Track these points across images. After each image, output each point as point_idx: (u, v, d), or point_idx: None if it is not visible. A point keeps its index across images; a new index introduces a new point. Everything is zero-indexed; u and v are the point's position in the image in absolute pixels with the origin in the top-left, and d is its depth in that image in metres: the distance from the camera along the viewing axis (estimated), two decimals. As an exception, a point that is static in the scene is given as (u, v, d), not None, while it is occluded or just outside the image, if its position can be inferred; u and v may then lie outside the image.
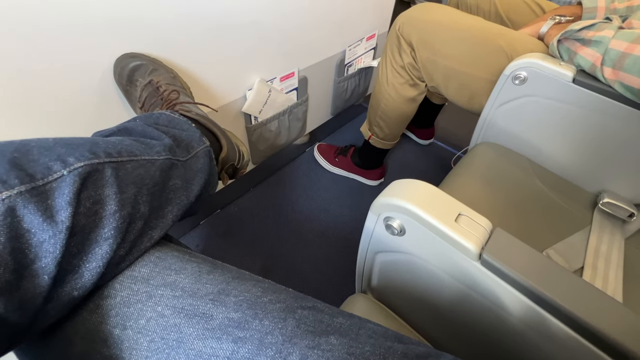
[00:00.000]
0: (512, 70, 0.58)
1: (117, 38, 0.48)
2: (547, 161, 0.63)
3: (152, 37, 0.51)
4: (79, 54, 0.46)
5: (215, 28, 0.59)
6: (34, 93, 0.44)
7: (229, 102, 0.71)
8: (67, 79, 0.46)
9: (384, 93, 0.77)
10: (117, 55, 0.49)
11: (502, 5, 0.81)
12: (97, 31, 0.46)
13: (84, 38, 0.45)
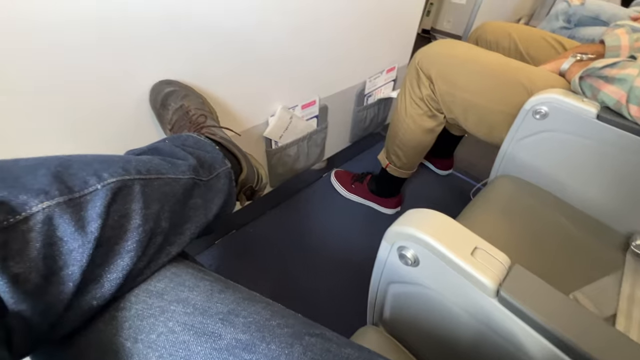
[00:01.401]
0: (532, 105, 0.58)
1: (155, 67, 0.53)
2: (572, 197, 0.60)
3: (186, 66, 0.56)
4: (123, 80, 0.50)
5: (243, 59, 0.63)
6: (81, 113, 0.49)
7: (252, 127, 0.74)
8: (110, 101, 0.51)
9: (402, 123, 0.79)
10: (155, 81, 0.54)
11: (522, 41, 0.82)
12: (140, 61, 0.50)
13: (129, 66, 0.49)
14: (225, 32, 0.57)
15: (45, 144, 0.47)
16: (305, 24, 0.69)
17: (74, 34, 0.42)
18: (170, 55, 0.53)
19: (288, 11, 0.64)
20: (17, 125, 0.44)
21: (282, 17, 0.63)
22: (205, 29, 0.54)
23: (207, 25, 0.54)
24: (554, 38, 0.79)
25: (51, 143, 0.48)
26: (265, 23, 0.62)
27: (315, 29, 0.71)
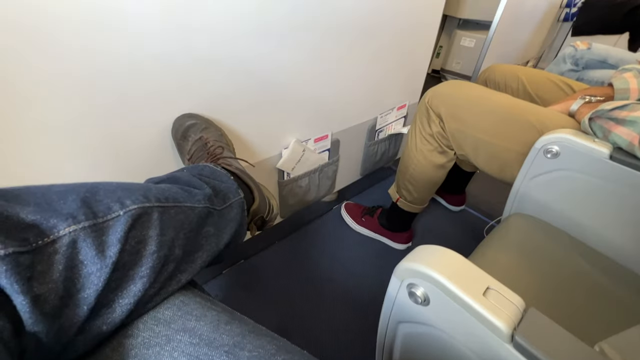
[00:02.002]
0: (543, 144, 0.58)
1: (180, 101, 0.57)
2: (589, 238, 0.58)
3: (207, 101, 0.60)
4: (150, 114, 0.54)
5: (260, 96, 0.67)
6: (108, 142, 0.52)
7: (265, 158, 0.77)
8: (136, 133, 0.54)
9: (413, 158, 0.80)
10: (178, 115, 0.58)
11: (530, 83, 0.85)
12: (167, 96, 0.54)
13: (156, 101, 0.53)
14: (245, 70, 0.61)
15: (72, 171, 0.50)
16: (320, 64, 0.73)
17: (109, 71, 0.47)
18: (194, 91, 0.57)
19: (304, 52, 0.68)
20: (46, 156, 0.47)
21: (298, 58, 0.68)
22: (227, 68, 0.59)
23: (229, 65, 0.59)
24: (562, 80, 0.81)
25: (79, 170, 0.51)
26: (282, 62, 0.66)
27: (329, 69, 0.76)
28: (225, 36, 0.55)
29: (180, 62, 0.53)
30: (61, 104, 0.45)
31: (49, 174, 0.48)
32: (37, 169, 0.47)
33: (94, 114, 0.48)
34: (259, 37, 0.60)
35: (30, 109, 0.43)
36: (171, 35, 0.50)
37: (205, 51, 0.55)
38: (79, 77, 0.44)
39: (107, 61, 0.46)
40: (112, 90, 0.48)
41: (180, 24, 0.50)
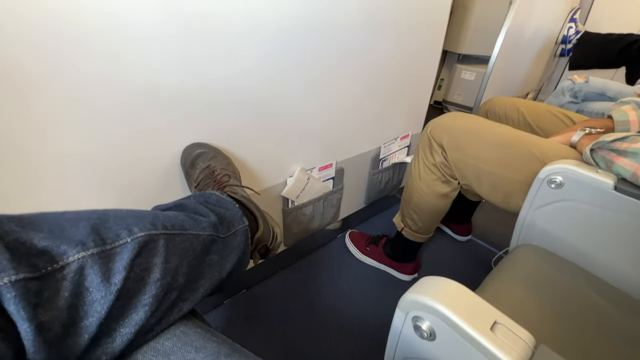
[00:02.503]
0: (547, 174, 0.58)
1: (189, 131, 0.59)
2: (600, 270, 0.57)
3: (216, 131, 0.62)
4: (162, 143, 0.56)
5: (267, 126, 0.69)
6: (118, 169, 0.54)
7: (271, 186, 0.78)
8: (147, 162, 0.56)
9: (417, 188, 0.80)
10: (187, 144, 0.60)
11: (530, 115, 0.86)
12: (179, 126, 0.57)
13: (168, 131, 0.56)
14: (252, 102, 0.64)
15: (81, 196, 0.52)
16: (325, 95, 0.76)
17: (123, 102, 0.49)
18: (203, 122, 0.60)
19: (309, 83, 0.72)
20: (56, 182, 0.49)
21: (303, 89, 0.71)
22: (236, 99, 0.62)
23: (237, 96, 0.62)
24: (562, 112, 0.83)
25: (88, 196, 0.52)
26: (287, 94, 0.69)
27: (333, 99, 0.79)
28: (234, 68, 0.58)
29: (191, 93, 0.56)
30: (73, 133, 0.47)
31: (57, 199, 0.49)
32: (47, 194, 0.48)
33: (107, 143, 0.50)
34: (266, 70, 0.63)
35: (43, 137, 0.45)
36: (184, 68, 0.53)
37: (215, 83, 0.58)
38: (94, 107, 0.47)
39: (122, 92, 0.48)
40: (126, 121, 0.51)
41: (193, 57, 0.53)
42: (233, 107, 0.62)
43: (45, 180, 0.47)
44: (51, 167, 0.47)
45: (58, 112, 0.44)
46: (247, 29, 0.57)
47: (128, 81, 0.48)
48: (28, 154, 0.44)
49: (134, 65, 0.48)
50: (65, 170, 0.48)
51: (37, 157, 0.45)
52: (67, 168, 0.48)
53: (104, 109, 0.48)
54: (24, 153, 0.44)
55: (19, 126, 0.42)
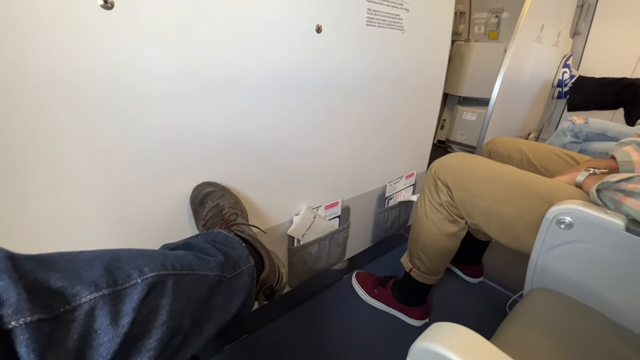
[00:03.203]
0: (555, 215, 0.58)
1: (199, 171, 0.61)
2: (620, 315, 0.54)
3: (226, 171, 0.64)
4: (171, 183, 0.58)
5: (275, 166, 0.72)
6: (129, 206, 0.55)
7: (277, 225, 0.78)
8: (158, 200, 0.58)
9: (424, 227, 0.80)
10: (197, 183, 0.61)
11: (534, 155, 0.88)
12: (191, 166, 0.59)
13: (177, 171, 0.58)
14: (259, 142, 0.67)
15: (91, 234, 0.52)
16: (330, 135, 0.80)
17: (138, 143, 0.52)
18: (214, 163, 0.62)
19: (315, 124, 0.75)
20: (68, 220, 0.50)
21: (309, 129, 0.74)
22: (246, 142, 0.65)
23: (246, 137, 0.65)
24: (565, 153, 0.84)
25: (99, 230, 0.53)
26: (294, 134, 0.72)
27: (339, 139, 0.82)
28: (245, 113, 0.62)
29: (203, 137, 0.59)
30: (90, 174, 0.49)
31: (68, 235, 0.50)
32: (59, 230, 0.49)
33: (119, 182, 0.52)
34: (274, 114, 0.66)
35: (59, 177, 0.47)
36: (197, 115, 0.56)
37: (226, 127, 0.61)
38: (110, 152, 0.49)
39: (138, 135, 0.51)
40: (140, 164, 0.53)
41: (206, 104, 0.57)
42: (242, 149, 0.65)
43: (57, 211, 0.48)
44: (65, 206, 0.48)
45: (77, 159, 0.47)
46: (258, 80, 0.61)
47: (143, 123, 0.51)
48: (41, 190, 0.46)
49: (150, 115, 0.51)
50: (78, 206, 0.50)
51: (48, 195, 0.47)
52: (79, 204, 0.50)
53: (119, 155, 0.50)
54: (39, 194, 0.46)
55: (36, 166, 0.44)
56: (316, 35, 0.66)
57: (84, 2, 0.40)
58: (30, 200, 0.44)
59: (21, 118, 0.41)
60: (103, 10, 0.42)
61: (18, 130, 0.41)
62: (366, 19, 0.73)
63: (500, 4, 1.90)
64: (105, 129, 0.47)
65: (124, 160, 0.51)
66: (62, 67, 0.41)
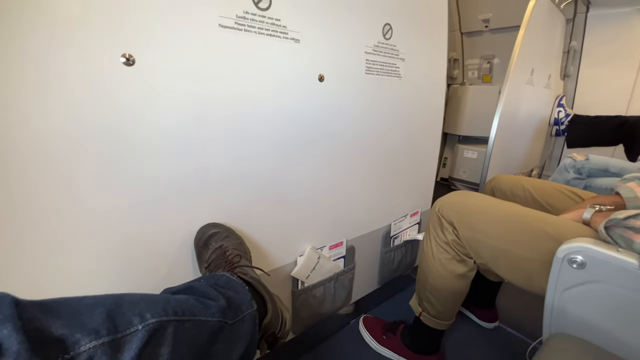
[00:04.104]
0: (565, 253, 0.56)
1: (205, 212, 0.62)
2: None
3: (232, 212, 0.65)
4: (175, 225, 0.59)
5: (279, 207, 0.72)
6: (133, 249, 0.55)
7: (281, 266, 0.76)
8: (161, 241, 0.58)
9: (431, 267, 0.77)
10: (200, 225, 0.62)
11: (537, 192, 0.88)
12: (199, 208, 0.60)
13: (181, 214, 0.59)
14: (264, 184, 0.69)
15: (97, 273, 0.52)
16: (334, 176, 0.81)
17: (153, 190, 0.54)
18: (219, 203, 0.63)
19: (318, 165, 0.77)
20: (75, 259, 0.50)
21: (313, 170, 0.76)
22: (250, 183, 0.66)
23: (251, 180, 0.66)
24: (569, 189, 0.84)
25: (102, 272, 0.52)
26: (298, 175, 0.74)
27: (342, 180, 0.83)
28: (248, 154, 0.64)
29: (208, 179, 0.60)
30: (94, 218, 0.50)
31: (71, 282, 0.50)
32: (63, 271, 0.49)
33: (124, 223, 0.53)
34: (278, 155, 0.69)
35: (62, 218, 0.48)
36: (203, 156, 0.59)
37: (231, 168, 0.62)
38: (116, 196, 0.50)
39: (146, 179, 0.53)
40: (145, 207, 0.54)
41: (211, 146, 0.59)
42: (246, 190, 0.66)
43: (61, 254, 0.48)
44: (67, 245, 0.49)
45: (83, 206, 0.48)
46: (263, 124, 0.64)
47: (153, 173, 0.53)
48: (40, 232, 0.47)
49: (159, 160, 0.53)
50: (81, 247, 0.50)
51: (49, 237, 0.47)
52: (83, 245, 0.50)
53: (125, 198, 0.51)
54: (39, 232, 0.46)
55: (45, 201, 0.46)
56: (319, 83, 0.71)
57: (107, 60, 0.45)
58: (34, 248, 0.45)
59: (32, 170, 0.43)
60: (125, 67, 0.46)
61: (27, 181, 0.43)
62: (365, 68, 0.79)
63: (490, 51, 2.03)
64: (114, 176, 0.49)
65: (130, 204, 0.52)
66: (73, 122, 0.44)
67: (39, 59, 0.40)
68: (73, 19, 0.41)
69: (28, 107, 0.40)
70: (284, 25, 0.62)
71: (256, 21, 0.58)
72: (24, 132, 0.41)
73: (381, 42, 0.81)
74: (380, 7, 0.78)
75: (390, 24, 0.82)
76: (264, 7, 0.58)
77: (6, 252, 0.43)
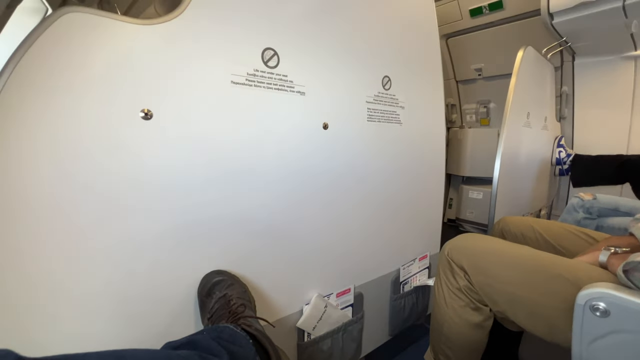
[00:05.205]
0: (586, 300, 0.54)
1: (212, 260, 0.61)
2: None
3: (237, 259, 0.64)
4: (177, 273, 0.58)
5: (285, 254, 0.71)
6: (134, 301, 0.53)
7: (286, 316, 0.73)
8: (162, 291, 0.56)
9: (445, 316, 0.73)
10: (203, 273, 0.61)
11: (548, 234, 0.86)
12: (204, 255, 0.60)
13: (184, 262, 0.58)
14: (271, 231, 0.68)
15: (97, 324, 0.50)
16: (340, 221, 0.81)
17: (158, 239, 0.54)
18: (226, 250, 0.63)
19: (324, 210, 0.77)
20: (75, 314, 0.49)
21: (318, 215, 0.76)
22: (255, 229, 0.66)
23: (256, 226, 0.66)
24: (580, 230, 0.83)
25: (102, 323, 0.50)
26: (304, 221, 0.74)
27: (348, 225, 0.83)
28: (253, 199, 0.65)
29: (215, 224, 0.60)
30: (96, 267, 0.50)
31: (71, 329, 0.48)
32: (63, 323, 0.47)
33: (126, 274, 0.52)
34: (282, 200, 0.69)
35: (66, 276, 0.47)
36: (207, 204, 0.59)
37: (236, 215, 0.63)
38: (119, 237, 0.51)
39: (158, 226, 0.54)
40: (148, 256, 0.54)
41: (216, 194, 0.60)
42: (251, 236, 0.66)
43: (61, 307, 0.47)
44: (68, 297, 0.48)
45: (85, 248, 0.48)
46: (269, 172, 0.66)
47: (158, 220, 0.54)
48: (43, 284, 0.46)
49: (166, 207, 0.54)
50: (82, 298, 0.49)
51: (54, 285, 0.47)
52: (84, 296, 0.49)
53: (127, 245, 0.51)
54: (42, 288, 0.46)
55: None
56: (323, 130, 0.74)
57: (127, 114, 0.48)
58: (35, 300, 0.44)
59: (37, 218, 0.44)
60: (143, 120, 0.49)
61: (32, 227, 0.44)
62: (367, 115, 0.83)
63: (486, 96, 2.13)
64: (119, 223, 0.50)
65: (132, 253, 0.52)
66: (83, 177, 0.46)
67: (63, 109, 0.43)
68: (100, 78, 0.45)
69: (43, 155, 0.43)
70: (291, 80, 0.67)
71: (265, 77, 0.63)
72: (33, 178, 0.42)
73: (381, 92, 0.86)
74: (379, 61, 0.85)
75: (389, 76, 0.88)
76: (272, 65, 0.63)
77: (8, 308, 0.42)
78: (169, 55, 0.51)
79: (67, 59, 0.43)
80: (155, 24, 0.50)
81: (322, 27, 0.71)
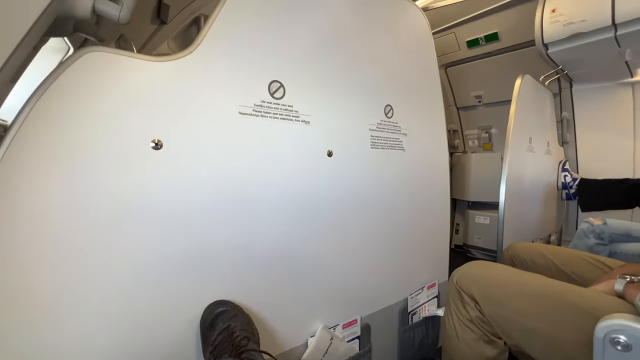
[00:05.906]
0: (606, 333, 0.51)
1: (215, 290, 0.60)
2: None
3: (240, 289, 0.63)
4: (186, 301, 0.56)
5: (289, 283, 0.70)
6: (132, 336, 0.52)
7: (290, 349, 0.70)
8: (166, 322, 0.55)
9: (457, 349, 0.70)
10: (206, 304, 0.59)
11: (560, 261, 0.83)
12: (207, 285, 0.58)
13: (194, 291, 0.57)
14: (275, 260, 0.67)
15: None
16: (344, 250, 0.80)
17: (160, 269, 0.54)
18: (230, 280, 0.61)
19: (329, 239, 0.76)
20: (76, 343, 0.47)
21: (324, 244, 0.75)
22: (259, 259, 0.65)
23: (260, 256, 0.65)
24: (593, 257, 0.80)
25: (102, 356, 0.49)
26: (309, 250, 0.73)
27: (353, 254, 0.81)
28: (258, 229, 0.65)
29: (218, 254, 0.60)
30: (98, 301, 0.49)
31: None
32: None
33: (127, 306, 0.51)
34: (286, 229, 0.69)
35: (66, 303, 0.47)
36: (210, 234, 0.59)
37: (238, 245, 0.62)
38: (121, 267, 0.50)
39: (160, 256, 0.53)
40: (150, 286, 0.53)
41: (219, 224, 0.60)
42: (255, 265, 0.65)
43: (62, 338, 0.46)
44: (67, 324, 0.47)
45: (86, 275, 0.48)
46: (273, 200, 0.67)
47: (160, 252, 0.53)
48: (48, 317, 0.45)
49: (167, 236, 0.54)
50: (81, 327, 0.48)
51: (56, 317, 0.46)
52: (82, 326, 0.48)
53: (128, 276, 0.51)
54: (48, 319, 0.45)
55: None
56: (327, 158, 0.75)
57: (137, 145, 0.49)
58: (33, 328, 0.43)
59: (43, 245, 0.44)
60: (153, 150, 0.50)
61: (38, 255, 0.44)
62: (370, 143, 0.84)
63: (487, 122, 2.17)
64: (119, 253, 0.50)
65: (133, 284, 0.51)
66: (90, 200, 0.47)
67: (80, 140, 0.45)
68: (114, 111, 0.47)
69: (56, 188, 0.44)
70: (296, 110, 0.69)
71: (271, 108, 0.65)
72: (42, 205, 0.43)
73: (384, 120, 0.88)
74: (381, 91, 0.88)
75: (391, 105, 0.90)
76: (278, 97, 0.66)
77: (6, 335, 0.41)
78: (179, 88, 0.54)
79: (87, 93, 0.45)
80: (168, 60, 0.52)
81: (325, 60, 0.75)
